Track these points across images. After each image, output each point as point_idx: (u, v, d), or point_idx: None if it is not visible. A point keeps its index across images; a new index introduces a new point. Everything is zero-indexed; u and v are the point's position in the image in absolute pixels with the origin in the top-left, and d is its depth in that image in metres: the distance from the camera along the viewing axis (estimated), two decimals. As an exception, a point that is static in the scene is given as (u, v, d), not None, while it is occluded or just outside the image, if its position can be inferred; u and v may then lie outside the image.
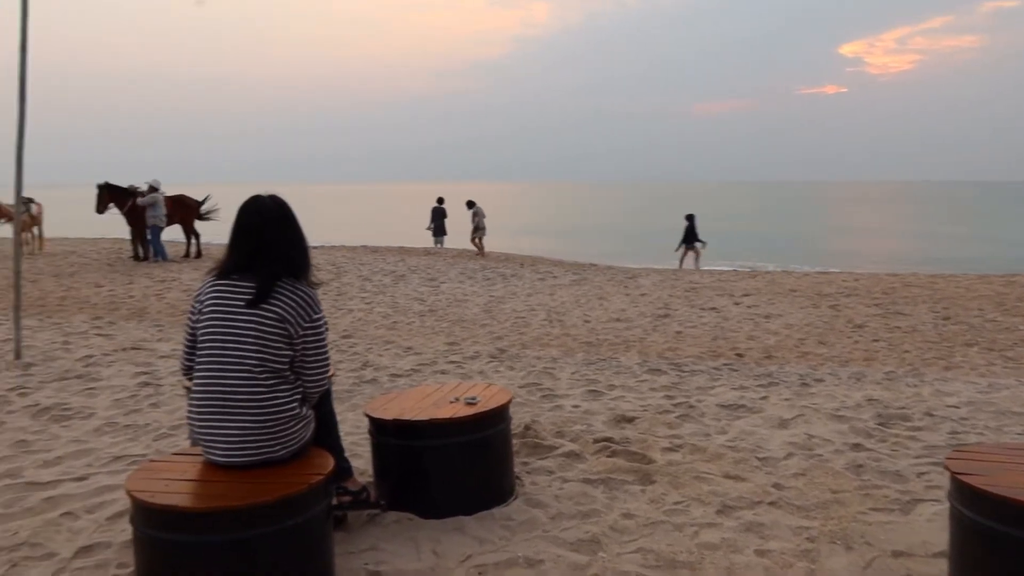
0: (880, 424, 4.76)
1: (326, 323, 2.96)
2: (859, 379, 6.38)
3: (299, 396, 2.89)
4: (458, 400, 3.60)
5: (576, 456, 4.12)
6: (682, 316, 10.66)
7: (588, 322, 10.16)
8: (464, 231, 21.27)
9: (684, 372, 6.58)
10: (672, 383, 6.04)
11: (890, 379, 6.42)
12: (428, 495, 3.36)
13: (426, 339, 8.79)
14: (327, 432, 3.12)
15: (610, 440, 4.36)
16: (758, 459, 4.10)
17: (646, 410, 5.09)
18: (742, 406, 5.22)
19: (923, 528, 3.22)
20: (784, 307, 11.45)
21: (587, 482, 3.77)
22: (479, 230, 20.77)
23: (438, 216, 22.08)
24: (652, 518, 3.36)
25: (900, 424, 4.77)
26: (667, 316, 10.65)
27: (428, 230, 22.22)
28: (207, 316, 2.82)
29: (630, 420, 4.84)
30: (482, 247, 20.84)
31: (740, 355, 8.05)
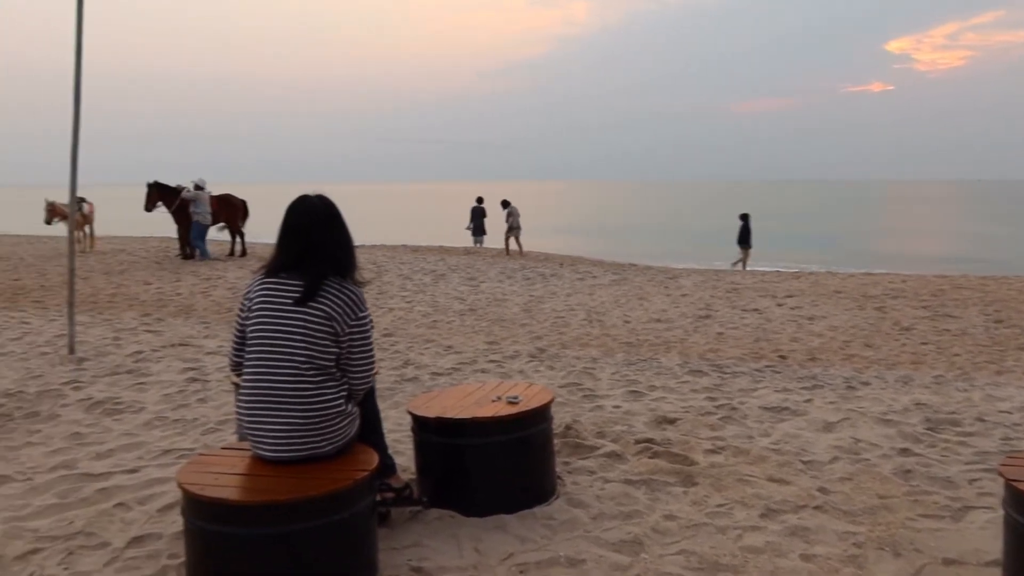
0: (929, 429, 4.66)
1: (372, 321, 3.00)
2: (907, 383, 6.25)
3: (345, 393, 2.93)
4: (500, 399, 3.62)
5: (617, 457, 4.11)
6: (724, 317, 10.55)
7: (628, 322, 10.11)
8: (503, 231, 21.33)
9: (726, 374, 6.51)
10: (714, 384, 5.99)
11: (939, 383, 6.27)
12: (470, 493, 3.38)
13: (466, 338, 8.83)
14: (371, 429, 3.16)
15: (651, 441, 4.34)
16: (803, 462, 4.04)
17: (688, 411, 5.05)
18: (786, 408, 5.15)
19: (975, 536, 3.14)
20: (828, 309, 11.26)
21: (628, 483, 3.75)
22: (513, 229, 20.85)
23: (478, 216, 22.18)
24: (694, 520, 3.33)
25: (950, 429, 4.67)
26: (708, 317, 10.55)
27: (468, 230, 22.34)
28: (256, 314, 2.88)
29: (671, 421, 4.81)
30: (520, 246, 20.88)
31: (783, 357, 7.94)
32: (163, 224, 18.02)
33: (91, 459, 4.19)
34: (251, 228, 18.03)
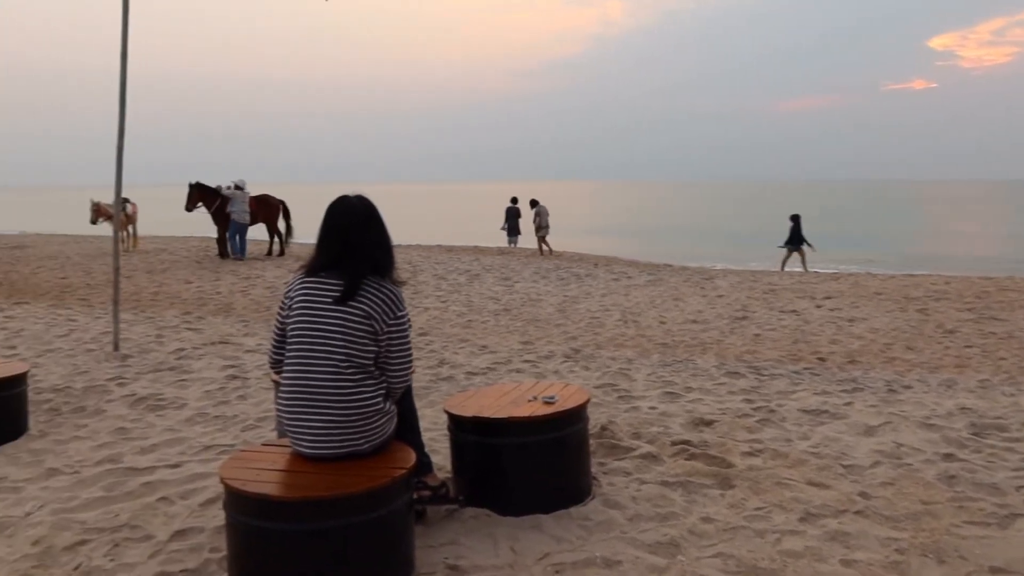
0: (974, 434, 4.55)
1: (410, 320, 3.02)
2: (950, 387, 6.12)
3: (383, 391, 2.96)
4: (536, 399, 3.62)
5: (653, 458, 4.09)
6: (761, 318, 10.42)
7: (664, 323, 10.04)
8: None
9: (763, 376, 6.43)
10: (751, 386, 5.92)
11: (984, 387, 6.13)
12: (506, 492, 3.39)
13: (501, 338, 8.85)
14: (408, 427, 3.18)
15: (688, 443, 4.30)
16: (843, 466, 3.98)
17: (725, 413, 5.01)
18: (825, 411, 5.07)
19: (1023, 544, 3.07)
20: (869, 310, 11.06)
21: (665, 484, 3.73)
22: (542, 229, 20.90)
23: (512, 216, 22.23)
24: (732, 523, 3.30)
25: (996, 434, 4.56)
26: (745, 318, 10.43)
27: (502, 230, 22.40)
28: (296, 312, 2.92)
29: (708, 423, 4.77)
30: (548, 245, 20.92)
31: (822, 359, 7.82)
32: (203, 224, 18.34)
33: (135, 454, 4.29)
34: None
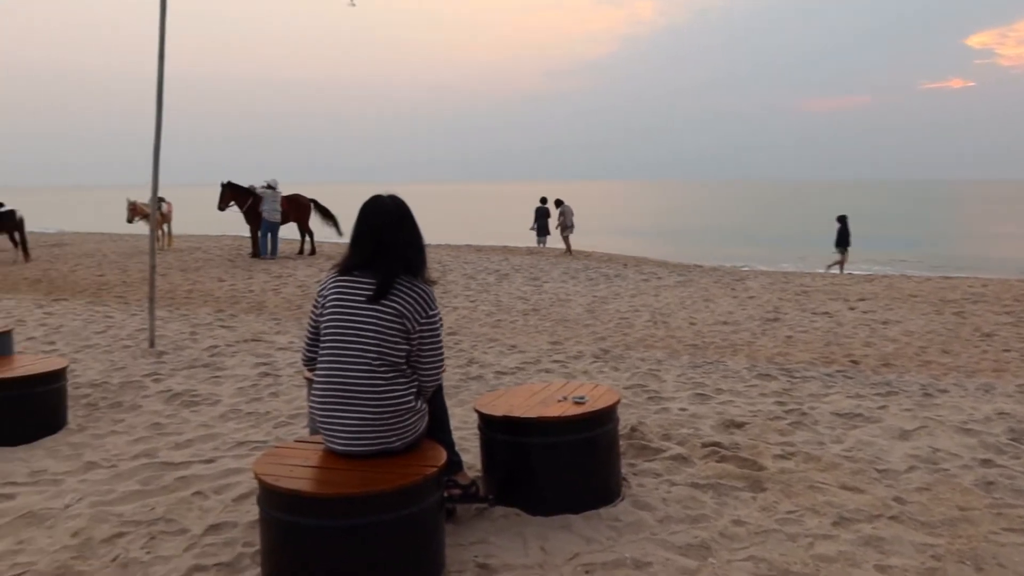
0: (1013, 439, 4.46)
1: (441, 319, 3.04)
2: (988, 391, 6.00)
3: (415, 390, 2.98)
4: (566, 399, 3.62)
5: (684, 460, 4.07)
6: (793, 320, 10.31)
7: (694, 324, 9.97)
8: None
9: (795, 378, 6.37)
10: (783, 389, 5.86)
11: (1024, 392, 6.01)
12: (536, 492, 3.40)
13: (529, 338, 8.86)
14: (439, 426, 3.20)
15: (719, 445, 4.27)
16: (877, 471, 3.92)
17: (756, 416, 4.96)
18: (859, 415, 5.01)
19: (1064, 552, 3.01)
20: (903, 313, 10.89)
21: (695, 486, 3.71)
22: (567, 228, 20.94)
23: (541, 216, 22.25)
24: (764, 526, 3.27)
25: (1036, 440, 4.47)
26: (777, 320, 10.32)
27: (532, 230, 22.43)
28: (330, 311, 2.95)
29: (739, 425, 4.73)
30: (569, 245, 20.94)
31: (855, 362, 7.72)
32: (236, 223, 18.58)
33: (170, 448, 4.36)
34: (321, 226, 18.36)
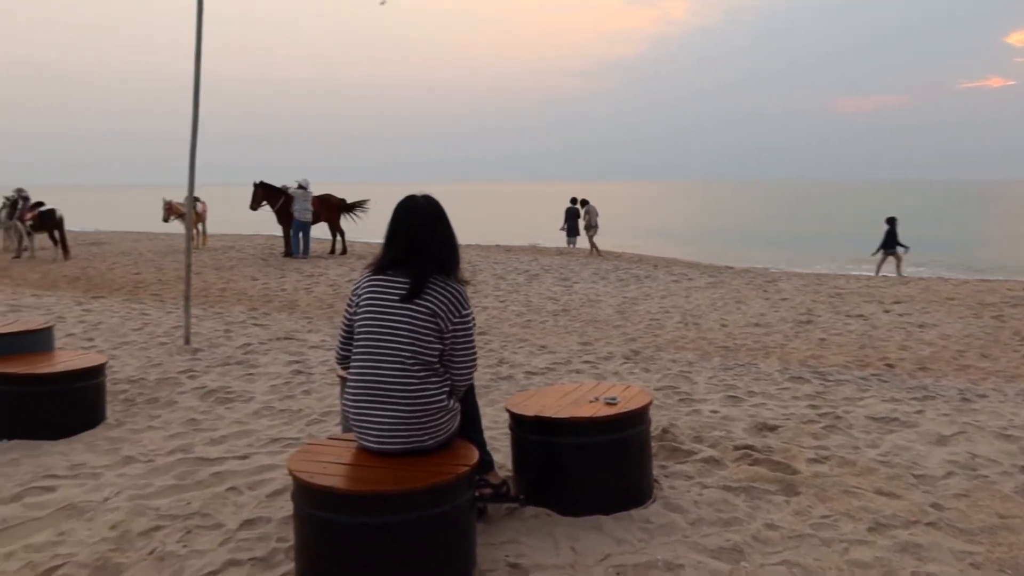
0: (1055, 446, 4.36)
1: (474, 319, 3.05)
2: (1029, 396, 5.88)
3: (447, 389, 3.00)
4: (598, 400, 3.61)
5: (716, 462, 4.03)
6: (826, 323, 10.17)
7: (725, 326, 9.88)
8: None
9: (829, 381, 6.28)
10: (816, 392, 5.79)
11: (1066, 398, 5.87)
12: (567, 492, 3.39)
13: (559, 338, 8.85)
14: (470, 425, 3.21)
15: (751, 448, 4.23)
16: (914, 476, 3.86)
17: (789, 419, 4.91)
18: (895, 419, 4.93)
19: (1108, 562, 2.94)
20: (940, 316, 10.69)
21: (727, 489, 3.68)
22: (591, 228, 20.93)
23: (571, 216, 22.23)
24: (797, 531, 3.24)
25: (1079, 447, 4.36)
26: (810, 322, 10.19)
27: (561, 230, 22.42)
28: (364, 309, 2.98)
29: (772, 428, 4.68)
30: (595, 245, 20.91)
31: (891, 366, 7.59)
32: (268, 223, 18.80)
33: (206, 444, 4.42)
34: (352, 226, 18.50)
